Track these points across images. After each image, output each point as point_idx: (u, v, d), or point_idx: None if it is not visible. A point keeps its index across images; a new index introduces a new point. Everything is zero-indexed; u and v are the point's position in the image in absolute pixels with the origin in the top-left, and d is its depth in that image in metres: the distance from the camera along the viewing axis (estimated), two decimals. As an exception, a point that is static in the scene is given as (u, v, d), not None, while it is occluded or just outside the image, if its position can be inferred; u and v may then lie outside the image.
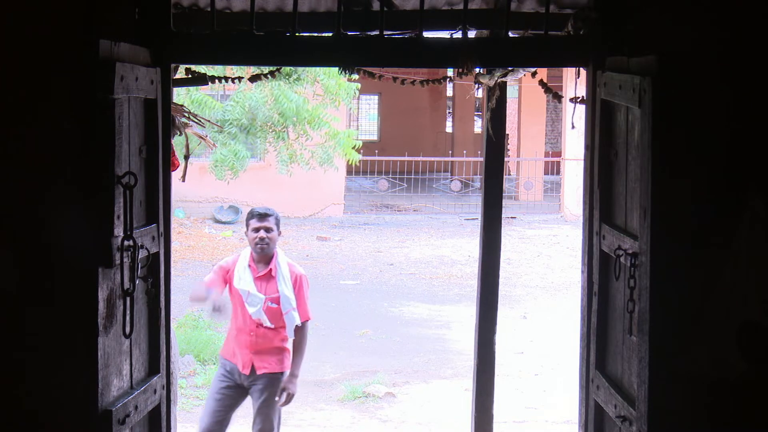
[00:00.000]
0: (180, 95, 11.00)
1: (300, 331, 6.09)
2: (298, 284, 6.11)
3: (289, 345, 6.16)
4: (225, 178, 12.58)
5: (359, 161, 13.74)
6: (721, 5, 3.60)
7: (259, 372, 6.02)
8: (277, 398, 6.05)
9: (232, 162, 12.09)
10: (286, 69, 10.14)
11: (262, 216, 6.09)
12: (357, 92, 12.42)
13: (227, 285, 6.11)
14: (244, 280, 6.05)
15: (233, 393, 6.13)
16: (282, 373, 6.06)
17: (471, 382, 5.81)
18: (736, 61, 3.57)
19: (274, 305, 6.03)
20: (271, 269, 6.08)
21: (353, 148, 13.07)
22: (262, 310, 6.00)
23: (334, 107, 12.27)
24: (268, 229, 6.04)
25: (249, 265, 6.09)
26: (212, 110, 11.52)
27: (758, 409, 3.55)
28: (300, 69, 10.65)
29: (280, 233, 6.19)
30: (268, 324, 6.00)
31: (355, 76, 4.70)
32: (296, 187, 17.61)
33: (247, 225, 6.13)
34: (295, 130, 12.14)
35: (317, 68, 11.03)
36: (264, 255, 6.07)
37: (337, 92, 11.77)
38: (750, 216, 3.52)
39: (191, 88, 10.16)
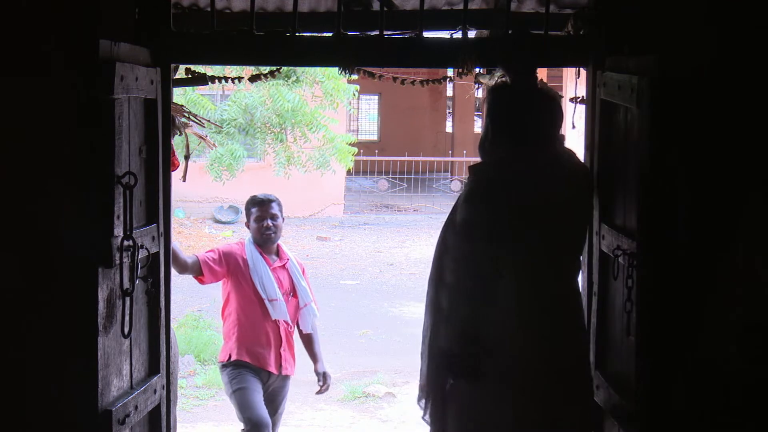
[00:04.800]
0: (176, 95, 10.98)
1: (315, 325, 5.79)
2: (306, 276, 5.77)
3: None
4: (222, 178, 12.51)
5: (359, 161, 13.75)
6: (721, 6, 3.60)
7: (284, 373, 5.62)
8: (320, 387, 5.73)
9: (228, 161, 12.03)
10: (285, 70, 10.16)
11: (265, 202, 5.61)
12: (357, 94, 12.42)
13: (233, 275, 5.56)
14: (263, 274, 5.54)
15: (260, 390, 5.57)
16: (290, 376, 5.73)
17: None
18: (736, 60, 3.57)
19: (293, 298, 5.65)
20: (287, 260, 5.66)
21: (351, 154, 13.04)
22: (286, 308, 5.58)
23: (332, 109, 12.26)
24: (273, 216, 5.59)
25: (262, 257, 5.57)
26: (206, 111, 11.45)
27: (758, 409, 3.55)
28: (299, 70, 10.67)
29: (283, 219, 5.73)
30: (289, 321, 5.60)
31: (355, 77, 4.69)
32: (296, 187, 17.58)
33: (249, 214, 5.63)
34: (292, 132, 12.11)
35: (317, 70, 11.05)
36: (272, 244, 5.62)
37: (336, 94, 11.76)
38: (749, 216, 3.52)
39: (187, 88, 10.15)
